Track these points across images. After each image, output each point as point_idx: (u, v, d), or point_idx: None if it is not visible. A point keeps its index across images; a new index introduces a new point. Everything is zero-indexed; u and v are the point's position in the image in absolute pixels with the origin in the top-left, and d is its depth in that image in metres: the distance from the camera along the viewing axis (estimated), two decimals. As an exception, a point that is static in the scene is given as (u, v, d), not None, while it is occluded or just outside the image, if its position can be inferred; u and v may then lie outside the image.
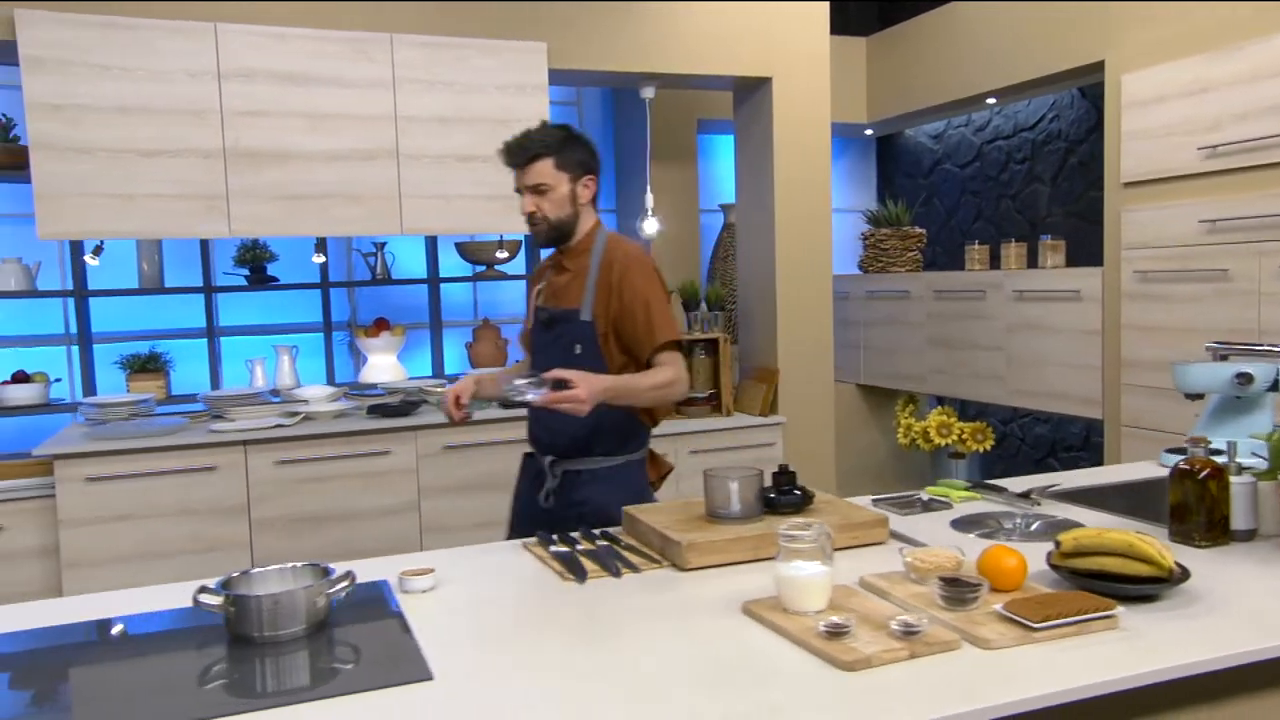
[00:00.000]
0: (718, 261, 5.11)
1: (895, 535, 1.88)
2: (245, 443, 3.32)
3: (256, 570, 1.61)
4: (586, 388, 1.99)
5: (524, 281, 2.95)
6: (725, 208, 5.14)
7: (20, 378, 3.92)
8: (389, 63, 3.48)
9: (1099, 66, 3.84)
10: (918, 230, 5.16)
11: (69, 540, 3.13)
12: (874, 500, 2.16)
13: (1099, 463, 4.56)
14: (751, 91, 4.25)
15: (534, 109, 3.67)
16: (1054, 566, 1.54)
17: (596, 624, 1.51)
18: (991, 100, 4.68)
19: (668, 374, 2.18)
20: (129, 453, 3.19)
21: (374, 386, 4.17)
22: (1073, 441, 4.74)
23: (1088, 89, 4.47)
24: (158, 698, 1.34)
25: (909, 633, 1.31)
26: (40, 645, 1.53)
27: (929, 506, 2.12)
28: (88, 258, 3.86)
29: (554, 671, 1.34)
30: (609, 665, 1.35)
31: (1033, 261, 4.34)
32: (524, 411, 2.32)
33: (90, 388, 4.08)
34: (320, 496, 3.38)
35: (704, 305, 4.36)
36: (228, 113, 3.30)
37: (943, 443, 4.72)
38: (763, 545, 1.77)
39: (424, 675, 1.32)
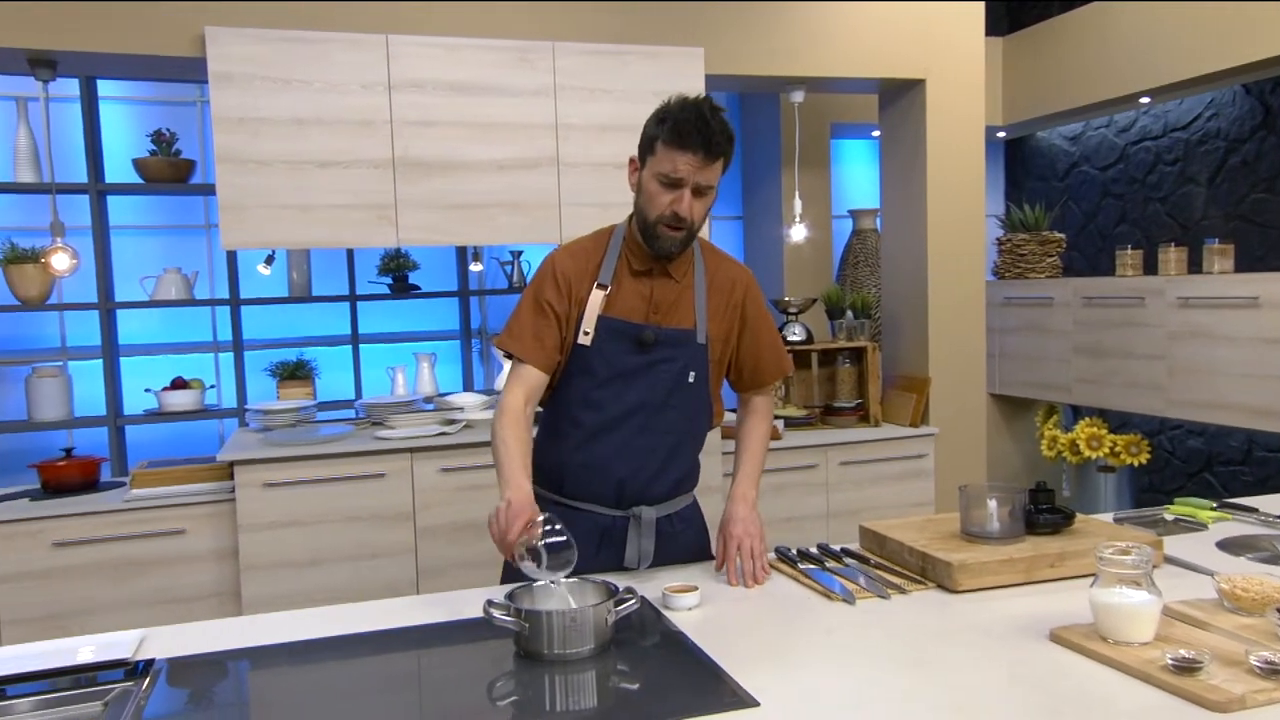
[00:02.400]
0: (848, 268, 5.02)
1: (1169, 559, 1.78)
2: (412, 450, 3.34)
3: (538, 584, 1.58)
4: (745, 528, 1.84)
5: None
6: (855, 213, 5.06)
7: (179, 384, 4.02)
8: (550, 70, 3.48)
9: (1280, 62, 3.66)
10: (1057, 235, 5.00)
11: (248, 544, 3.18)
12: (1115, 519, 2.07)
13: (1264, 479, 4.35)
14: (901, 94, 4.15)
15: (691, 115, 3.63)
16: (1395, 598, 1.43)
17: (897, 647, 1.45)
18: (1145, 100, 4.51)
19: (770, 417, 2.04)
20: (303, 459, 3.23)
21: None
22: (1231, 456, 4.53)
23: (1252, 86, 4.28)
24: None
25: (1275, 670, 1.22)
26: (332, 650, 1.53)
27: (1177, 527, 2.02)
28: (260, 267, 3.95)
29: (877, 699, 1.28)
30: (940, 692, 1.29)
31: (1194, 266, 4.16)
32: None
33: (244, 395, 4.17)
34: (483, 504, 3.38)
35: (849, 313, 4.28)
36: (397, 123, 3.33)
37: (1093, 455, 4.55)
38: (1034, 568, 1.70)
39: (749, 701, 1.28)
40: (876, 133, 4.53)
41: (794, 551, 1.91)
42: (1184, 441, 4.78)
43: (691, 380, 1.88)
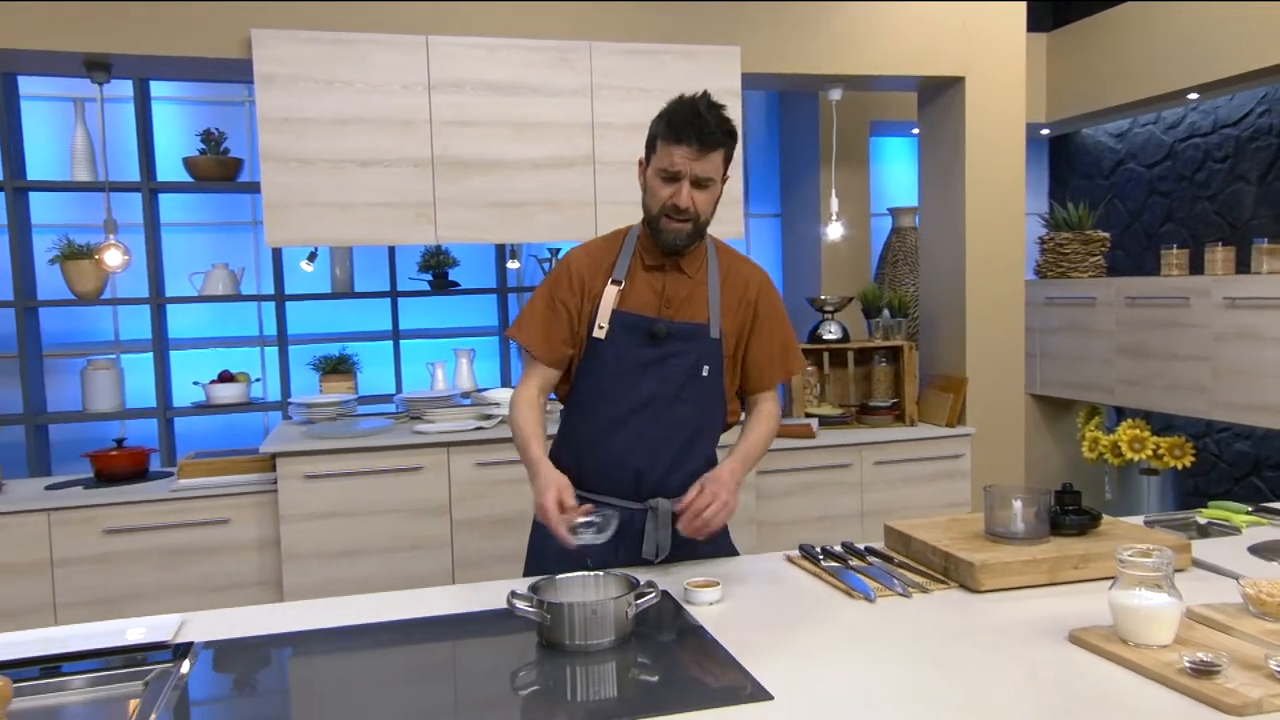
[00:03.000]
0: (887, 266, 5.00)
1: (1198, 563, 1.77)
2: (449, 445, 3.40)
3: (561, 577, 1.62)
4: (725, 489, 1.76)
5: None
6: (895, 211, 5.03)
7: (225, 377, 4.13)
8: (588, 70, 3.51)
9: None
10: (1101, 234, 4.92)
11: (289, 534, 3.26)
12: (1146, 521, 2.05)
13: (1313, 482, 4.26)
14: (940, 92, 4.13)
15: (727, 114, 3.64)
16: None
17: (914, 647, 1.46)
18: (1193, 95, 4.43)
19: (774, 414, 2.01)
20: (342, 452, 3.31)
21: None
22: (1280, 459, 4.44)
23: (1305, 82, 4.18)
24: (482, 707, 1.37)
25: (1293, 674, 1.22)
26: (364, 639, 1.58)
27: (1209, 530, 2.00)
28: (303, 264, 4.04)
29: (898, 698, 1.29)
30: (954, 692, 1.30)
31: (1243, 266, 4.08)
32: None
33: (288, 388, 4.27)
34: (518, 498, 3.43)
35: (886, 312, 4.26)
36: (437, 123, 3.39)
37: (1135, 457, 4.48)
38: (1058, 569, 1.69)
39: (764, 695, 1.30)
40: (917, 130, 4.50)
41: (818, 549, 1.93)
42: (1231, 445, 4.68)
43: (705, 374, 1.92)
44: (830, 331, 4.18)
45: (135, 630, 1.59)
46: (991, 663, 1.39)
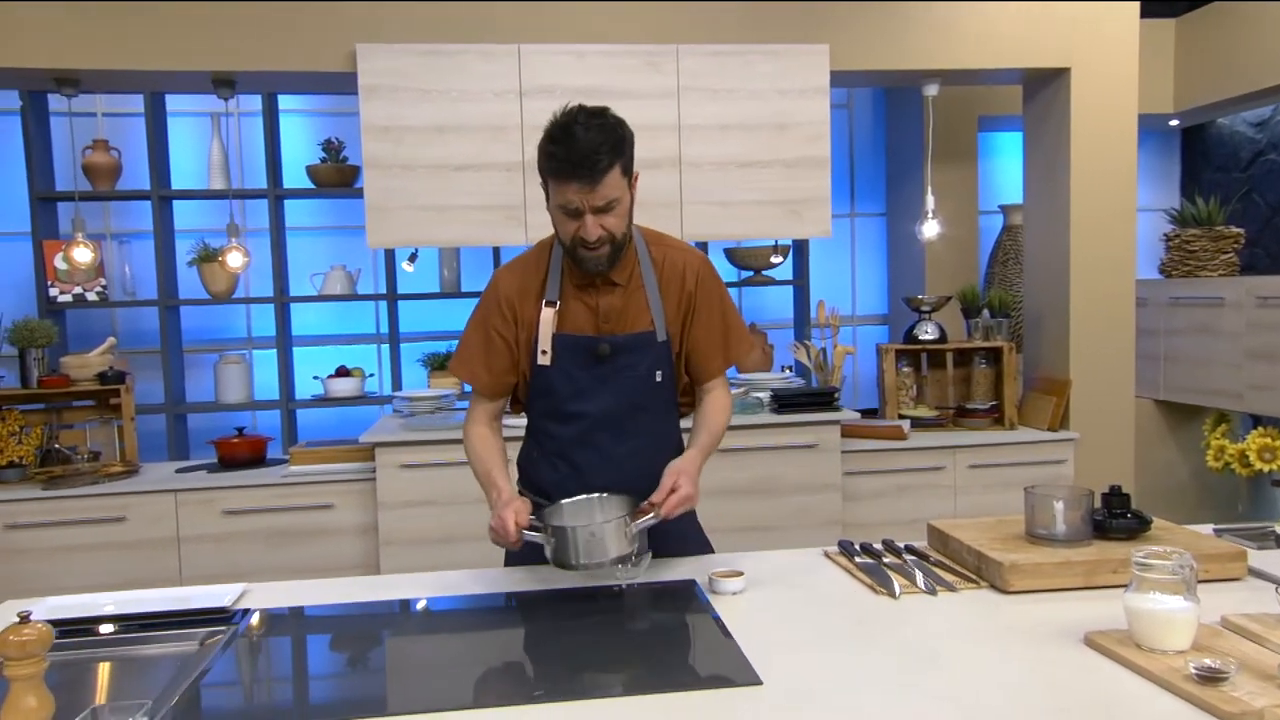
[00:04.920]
0: (996, 265, 4.84)
1: (1254, 573, 1.67)
2: (536, 438, 3.52)
3: (567, 501, 1.78)
4: (688, 481, 1.72)
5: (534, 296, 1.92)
6: (1006, 209, 4.86)
7: (342, 372, 4.40)
8: (674, 73, 3.57)
9: None
10: (1234, 230, 4.61)
11: (386, 520, 3.46)
12: (1215, 530, 1.94)
13: None
14: (1045, 84, 3.97)
15: (815, 112, 3.64)
16: None
17: (923, 642, 1.45)
18: (1338, 79, 4.10)
19: (728, 400, 1.94)
20: (437, 443, 3.48)
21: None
22: None
23: None
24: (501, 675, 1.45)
25: (1304, 686, 1.16)
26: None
27: (1287, 541, 1.88)
28: (405, 264, 4.27)
29: (887, 690, 1.30)
30: (946, 687, 1.29)
31: (1389, 264, 3.75)
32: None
33: (398, 382, 4.51)
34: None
35: (986, 312, 4.14)
36: (527, 128, 3.52)
37: (1265, 468, 4.18)
38: (1096, 572, 1.64)
39: (753, 679, 1.33)
40: (1025, 124, 4.35)
41: (856, 545, 1.92)
42: (1381, 458, 4.29)
43: (660, 380, 1.88)
44: (926, 332, 4.08)
45: (201, 595, 1.75)
46: (996, 661, 1.37)
